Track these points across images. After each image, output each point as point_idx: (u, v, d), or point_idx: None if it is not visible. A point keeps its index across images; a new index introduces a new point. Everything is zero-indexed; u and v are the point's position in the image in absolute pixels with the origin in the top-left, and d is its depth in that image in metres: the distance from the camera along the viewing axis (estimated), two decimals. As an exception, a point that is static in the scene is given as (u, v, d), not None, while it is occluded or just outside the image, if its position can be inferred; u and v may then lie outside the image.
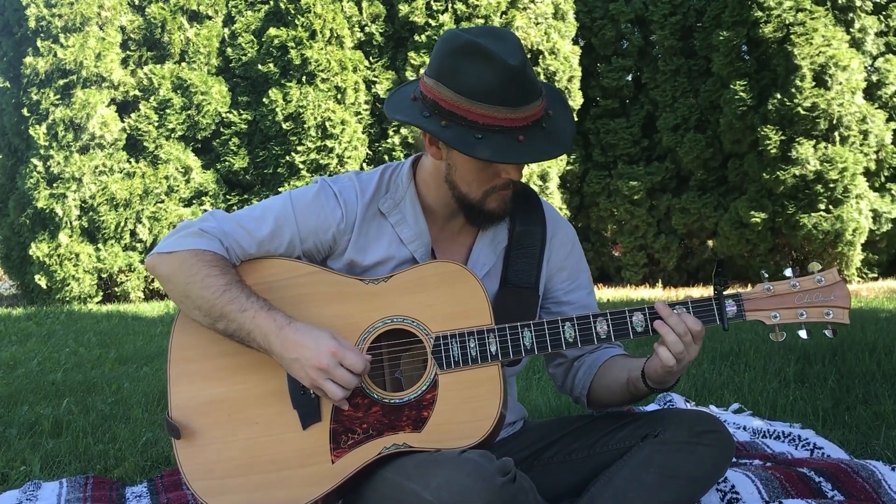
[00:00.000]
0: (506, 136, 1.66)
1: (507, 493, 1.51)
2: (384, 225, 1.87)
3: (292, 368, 1.70)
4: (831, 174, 9.22)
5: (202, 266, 1.74)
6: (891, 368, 3.76)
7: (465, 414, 1.69)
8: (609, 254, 11.66)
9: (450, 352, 1.72)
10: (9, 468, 2.67)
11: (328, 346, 1.66)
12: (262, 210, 1.86)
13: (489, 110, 1.66)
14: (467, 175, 1.77)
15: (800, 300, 1.72)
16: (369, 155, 10.36)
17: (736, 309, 1.74)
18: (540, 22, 10.49)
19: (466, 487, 1.50)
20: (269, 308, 1.72)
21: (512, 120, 1.66)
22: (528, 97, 1.67)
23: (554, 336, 1.73)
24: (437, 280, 1.76)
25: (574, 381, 1.97)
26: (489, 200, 1.80)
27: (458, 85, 1.67)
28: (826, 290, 1.72)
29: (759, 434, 2.77)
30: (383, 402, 1.72)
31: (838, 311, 1.71)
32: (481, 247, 1.91)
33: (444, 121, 1.69)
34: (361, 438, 1.71)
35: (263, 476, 1.71)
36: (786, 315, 1.73)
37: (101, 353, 5.20)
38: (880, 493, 2.08)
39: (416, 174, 1.91)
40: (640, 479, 1.73)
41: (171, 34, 9.86)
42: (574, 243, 2.01)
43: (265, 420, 1.74)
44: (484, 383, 1.70)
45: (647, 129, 11.07)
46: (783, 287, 1.73)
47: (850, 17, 9.74)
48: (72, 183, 9.23)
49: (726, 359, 4.22)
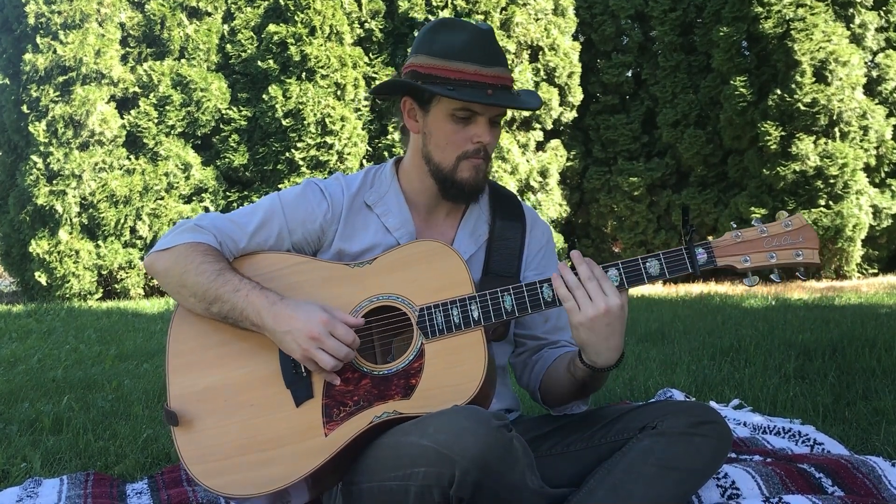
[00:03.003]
0: (476, 89, 1.80)
1: (502, 436, 1.55)
2: (370, 216, 1.96)
3: (284, 341, 1.75)
4: (831, 170, 9.22)
5: (197, 255, 1.83)
6: (891, 364, 3.76)
7: (451, 378, 1.73)
8: (609, 250, 11.66)
9: (434, 321, 1.77)
10: (9, 465, 2.68)
11: (319, 317, 1.72)
12: (252, 207, 1.96)
13: (461, 66, 1.81)
14: (442, 139, 1.87)
15: (769, 244, 1.74)
16: (369, 151, 10.36)
17: (706, 256, 1.74)
18: (540, 18, 10.48)
19: (463, 428, 1.53)
20: (261, 287, 1.80)
21: (482, 76, 1.81)
22: (497, 59, 1.84)
23: (533, 297, 1.76)
24: (420, 257, 1.84)
25: (531, 375, 2.01)
26: (461, 168, 1.88)
27: (433, 49, 1.84)
28: (794, 234, 1.73)
29: (760, 430, 2.78)
30: (373, 374, 1.77)
31: (808, 251, 1.73)
32: (463, 237, 1.99)
33: (419, 81, 1.84)
34: (353, 410, 1.74)
35: (260, 454, 1.75)
36: (756, 259, 1.73)
37: (101, 349, 5.20)
38: (880, 489, 2.08)
39: (399, 171, 2.02)
40: (638, 471, 1.74)
41: (170, 31, 9.86)
42: (549, 241, 2.10)
43: (260, 402, 1.79)
44: (468, 347, 1.75)
45: (647, 125, 11.07)
46: (752, 233, 1.75)
47: (850, 13, 9.73)
48: (71, 180, 9.23)
49: (726, 354, 4.23)
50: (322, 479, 1.76)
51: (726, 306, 6.60)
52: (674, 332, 5.10)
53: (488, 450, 1.53)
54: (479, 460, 1.52)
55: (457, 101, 1.81)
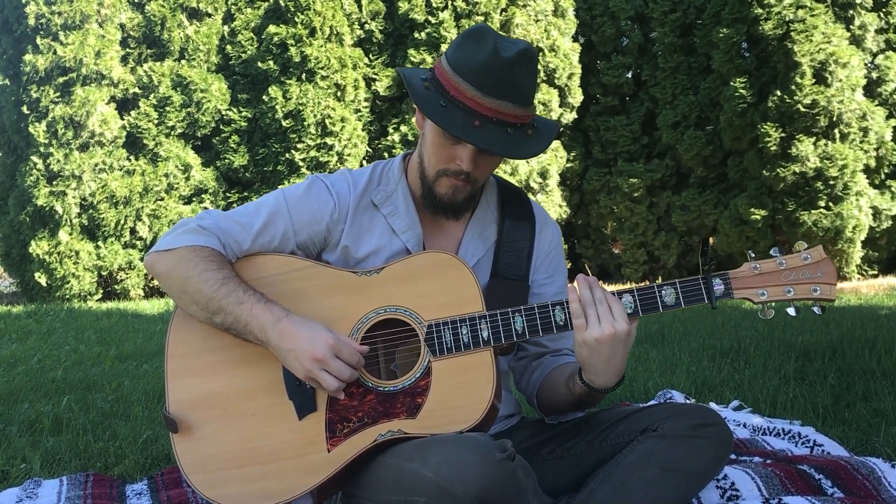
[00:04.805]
0: (466, 115, 1.71)
1: (505, 468, 1.52)
2: (377, 216, 1.91)
3: (287, 359, 1.71)
4: (831, 171, 9.21)
5: (199, 261, 1.77)
6: (891, 365, 3.76)
7: (458, 399, 1.70)
8: (609, 251, 11.65)
9: (442, 339, 1.73)
10: (9, 466, 2.67)
11: (325, 338, 1.68)
12: (255, 206, 1.89)
13: (462, 85, 1.72)
14: (429, 147, 1.83)
15: (787, 278, 1.72)
16: (369, 152, 10.36)
17: (723, 287, 1.72)
18: (540, 19, 10.48)
19: (465, 461, 1.50)
20: (266, 301, 1.75)
21: (477, 104, 1.71)
22: (501, 92, 1.71)
23: (545, 319, 1.73)
24: (429, 269, 1.78)
25: (529, 381, 1.98)
26: (440, 182, 1.84)
27: (453, 57, 1.77)
28: (812, 268, 1.72)
29: (759, 431, 2.78)
30: (378, 391, 1.73)
31: (825, 287, 1.72)
32: (470, 238, 1.94)
33: (428, 84, 1.78)
34: (357, 427, 1.71)
35: (260, 467, 1.72)
36: (773, 293, 1.72)
37: (101, 350, 5.20)
38: (880, 490, 2.08)
39: (407, 168, 1.96)
40: (638, 474, 1.73)
41: (170, 31, 9.86)
42: (558, 242, 2.05)
43: (261, 412, 1.76)
44: (477, 368, 1.72)
45: (646, 127, 11.06)
46: (770, 265, 1.73)
47: (850, 14, 9.72)
48: (71, 180, 9.22)
49: (726, 356, 4.23)
50: (323, 492, 1.75)
51: (726, 307, 6.59)
52: (673, 334, 5.10)
53: (491, 484, 1.50)
54: (482, 495, 1.50)
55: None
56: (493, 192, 2.00)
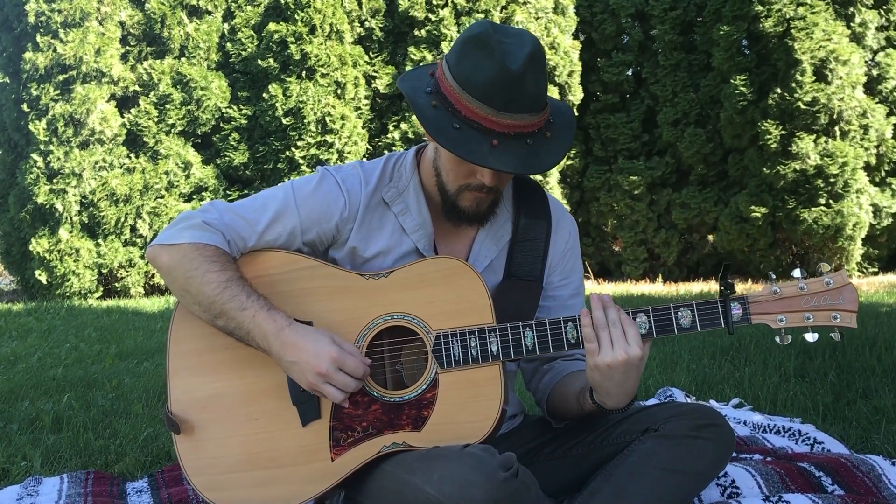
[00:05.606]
0: (481, 135, 1.62)
1: (509, 487, 1.50)
2: (387, 214, 1.85)
3: (291, 371, 1.69)
4: (832, 169, 9.21)
5: (203, 261, 1.72)
6: (891, 363, 3.75)
7: (465, 414, 1.67)
8: (609, 249, 11.65)
9: (450, 351, 1.69)
10: (9, 463, 2.68)
11: (329, 352, 1.65)
12: (262, 200, 1.83)
13: (473, 104, 1.62)
14: (447, 163, 1.76)
15: (807, 303, 1.66)
16: (369, 150, 10.35)
17: (741, 312, 1.68)
18: (540, 17, 10.47)
19: (468, 481, 1.48)
20: (270, 308, 1.70)
21: (493, 122, 1.62)
22: (517, 106, 1.62)
23: (556, 336, 1.69)
24: (439, 276, 1.73)
25: (539, 384, 1.95)
26: (462, 197, 1.77)
27: (457, 71, 1.65)
28: (834, 294, 1.65)
29: (760, 429, 2.78)
30: (383, 401, 1.71)
31: (846, 314, 1.65)
32: (483, 238, 1.89)
33: (434, 101, 1.67)
34: (361, 436, 1.69)
35: (263, 472, 1.71)
36: (792, 319, 1.67)
37: (101, 348, 5.20)
38: (880, 488, 2.08)
39: (420, 163, 1.89)
40: (640, 474, 1.72)
41: (170, 29, 9.85)
42: (575, 241, 1.99)
43: (265, 416, 1.73)
44: (485, 383, 1.69)
45: (647, 124, 11.06)
46: (791, 289, 1.67)
47: (850, 12, 9.72)
48: (72, 178, 9.22)
49: (727, 353, 4.23)
50: (326, 495, 1.74)
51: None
52: (674, 331, 5.09)
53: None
54: None
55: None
56: (508, 187, 1.93)
